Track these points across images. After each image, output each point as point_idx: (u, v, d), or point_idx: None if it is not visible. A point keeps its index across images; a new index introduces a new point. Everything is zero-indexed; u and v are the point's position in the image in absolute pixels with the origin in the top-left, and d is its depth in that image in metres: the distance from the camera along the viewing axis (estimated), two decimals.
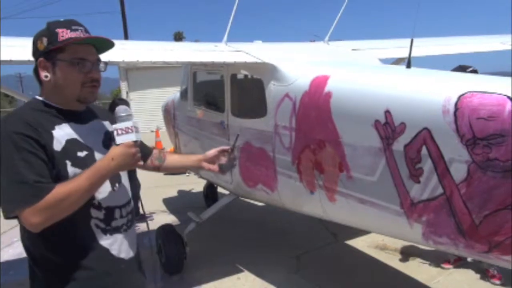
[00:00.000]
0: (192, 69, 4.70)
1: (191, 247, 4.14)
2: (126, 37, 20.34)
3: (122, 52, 3.18)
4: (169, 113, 5.75)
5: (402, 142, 2.38)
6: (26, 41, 1.78)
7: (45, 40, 1.45)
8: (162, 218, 5.75)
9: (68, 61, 1.45)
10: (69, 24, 1.47)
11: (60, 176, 1.40)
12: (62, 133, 1.45)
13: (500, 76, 2.67)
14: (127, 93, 17.83)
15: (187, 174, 8.06)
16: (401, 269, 3.91)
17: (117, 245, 1.55)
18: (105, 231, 1.52)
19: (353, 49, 4.28)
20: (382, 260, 4.14)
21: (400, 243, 4.28)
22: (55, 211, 1.35)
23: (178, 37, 36.16)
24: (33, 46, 1.50)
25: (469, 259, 3.78)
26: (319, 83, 2.94)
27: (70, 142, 1.46)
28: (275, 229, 5.17)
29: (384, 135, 2.47)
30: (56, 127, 1.45)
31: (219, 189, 5.89)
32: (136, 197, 5.78)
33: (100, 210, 1.51)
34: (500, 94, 2.01)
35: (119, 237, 1.56)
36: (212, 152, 1.94)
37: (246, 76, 3.88)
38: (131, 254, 1.62)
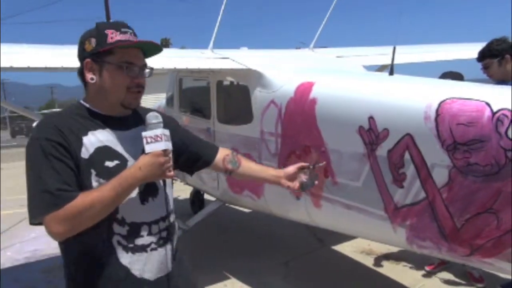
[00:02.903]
0: (178, 75, 4.70)
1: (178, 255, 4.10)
2: None
3: None
4: None
5: (385, 147, 2.42)
6: (23, 48, 1.74)
7: (93, 41, 1.40)
8: None
9: (116, 64, 1.40)
10: (118, 26, 1.42)
11: (83, 186, 1.34)
12: (94, 140, 1.39)
13: (482, 83, 2.75)
14: None
15: (174, 181, 8.01)
16: (386, 273, 3.94)
17: (140, 264, 1.43)
18: (126, 249, 1.41)
19: (338, 56, 4.34)
20: (368, 265, 4.17)
21: (386, 248, 4.31)
22: (76, 221, 1.29)
23: (165, 44, 36.07)
24: (80, 46, 1.44)
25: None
26: (304, 90, 2.97)
27: (100, 150, 1.39)
28: (262, 235, 5.16)
29: (368, 141, 2.51)
30: (90, 133, 1.39)
31: (206, 196, 5.87)
32: None
33: (123, 225, 1.40)
34: (479, 100, 2.06)
35: (143, 256, 1.43)
36: (291, 168, 1.80)
37: (232, 82, 3.89)
38: (160, 274, 1.47)
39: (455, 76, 3.55)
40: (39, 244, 5.30)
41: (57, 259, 4.86)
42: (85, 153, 1.37)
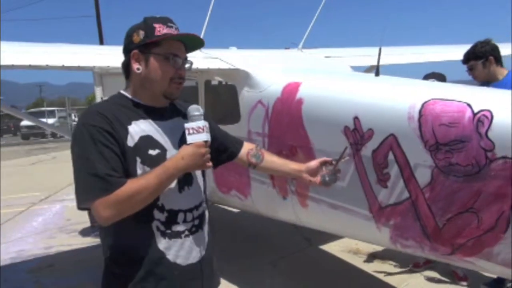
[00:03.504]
0: None
1: None
2: (101, 41, 20.05)
3: (94, 57, 3.15)
4: None
5: (370, 147, 2.45)
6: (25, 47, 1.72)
7: (141, 33, 1.46)
8: None
9: (163, 55, 1.47)
10: (165, 20, 1.50)
11: (129, 172, 1.40)
12: (138, 129, 1.45)
13: (467, 84, 2.79)
14: (101, 98, 17.54)
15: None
16: (373, 272, 3.97)
17: (174, 250, 1.49)
18: (164, 234, 1.48)
19: (326, 57, 4.36)
20: (356, 264, 4.20)
21: (373, 247, 4.35)
22: (124, 206, 1.36)
23: None
24: (127, 39, 1.50)
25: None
26: (291, 90, 2.99)
27: (143, 139, 1.45)
28: (249, 235, 5.17)
29: (353, 141, 2.53)
30: (133, 122, 1.45)
31: None
32: None
33: (163, 212, 1.47)
34: (460, 101, 2.10)
35: (178, 242, 1.50)
36: (314, 163, 1.80)
37: (220, 82, 3.90)
38: (190, 260, 1.54)
39: (438, 77, 3.60)
40: (25, 244, 5.25)
41: (43, 259, 4.84)
42: (130, 141, 1.42)
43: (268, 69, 3.41)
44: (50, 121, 21.62)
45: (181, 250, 1.51)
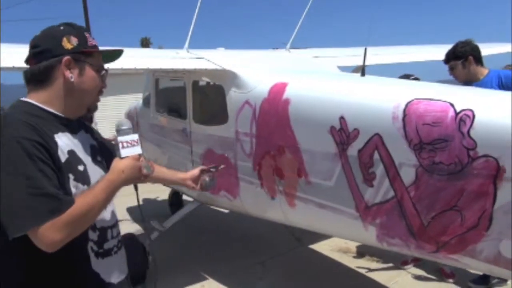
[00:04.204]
0: (155, 75, 4.66)
1: (154, 256, 4.07)
2: None
3: None
4: (132, 120, 5.66)
5: (356, 147, 2.46)
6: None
7: (74, 40, 1.37)
8: (126, 227, 5.61)
9: (97, 67, 1.43)
10: (88, 30, 1.46)
11: (63, 191, 1.27)
12: (63, 143, 1.34)
13: (448, 83, 2.82)
14: None
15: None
16: (362, 271, 4.00)
17: (107, 269, 1.44)
18: (97, 255, 1.40)
19: (314, 57, 4.38)
20: (345, 263, 4.22)
21: (362, 246, 4.38)
22: (76, 226, 1.25)
23: (145, 43, 35.67)
24: (52, 41, 1.35)
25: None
26: (277, 90, 2.99)
27: (70, 154, 1.35)
28: (239, 235, 5.17)
29: (339, 140, 2.54)
30: (56, 135, 1.33)
31: (185, 197, 5.83)
32: None
33: (95, 231, 1.40)
34: (443, 101, 2.12)
35: (109, 260, 1.45)
36: (195, 171, 1.97)
37: (207, 83, 3.89)
38: (121, 277, 1.50)
39: (411, 78, 3.65)
40: None
41: None
42: (62, 157, 1.31)
43: (255, 70, 3.41)
44: None
45: (112, 268, 1.46)
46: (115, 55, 1.58)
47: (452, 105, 2.07)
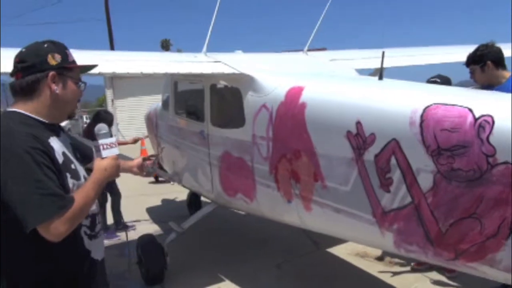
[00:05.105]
0: (173, 78, 4.73)
1: (172, 257, 4.13)
2: (111, 43, 20.26)
3: (100, 63, 3.18)
4: (152, 122, 5.76)
5: (372, 152, 2.44)
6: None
7: (58, 57, 1.59)
8: (145, 227, 5.72)
9: (76, 80, 1.66)
10: (67, 47, 1.67)
11: (64, 188, 1.51)
12: (56, 147, 1.56)
13: (471, 85, 2.75)
14: (112, 100, 17.73)
15: (171, 183, 8.05)
16: (380, 276, 3.95)
17: (96, 247, 1.71)
18: (90, 237, 1.67)
19: (331, 60, 4.35)
20: (363, 267, 4.18)
21: (380, 251, 4.33)
22: (77, 219, 1.50)
23: (165, 45, 36.13)
24: (38, 58, 1.56)
25: None
26: (294, 94, 2.99)
27: (64, 155, 1.59)
28: (256, 237, 5.19)
29: (356, 145, 2.53)
30: (49, 140, 1.55)
31: (203, 198, 5.89)
32: (117, 206, 5.76)
33: (87, 218, 1.66)
34: (462, 106, 2.08)
35: (97, 241, 1.72)
36: (139, 160, 2.37)
37: (225, 86, 3.92)
38: (102, 256, 1.78)
39: (443, 80, 3.57)
40: None
41: None
42: (59, 159, 1.55)
43: (272, 73, 3.42)
44: (62, 123, 21.95)
45: (98, 247, 1.74)
46: (89, 68, 1.82)
47: (471, 110, 2.03)
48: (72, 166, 1.61)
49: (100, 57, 3.34)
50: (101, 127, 1.72)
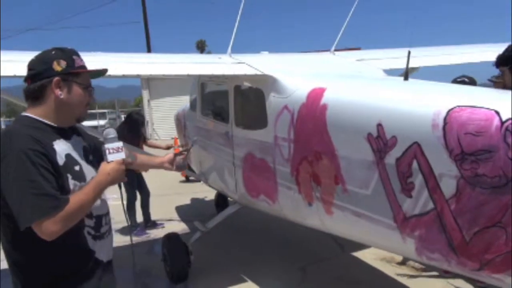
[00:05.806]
0: (200, 80, 4.79)
1: (197, 256, 4.19)
2: (148, 45, 20.81)
3: (122, 65, 3.28)
4: (180, 122, 5.87)
5: (393, 155, 2.36)
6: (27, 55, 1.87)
7: (63, 63, 1.64)
8: (173, 226, 5.83)
9: (83, 85, 1.70)
10: (76, 53, 1.72)
11: (63, 189, 1.56)
12: (60, 149, 1.62)
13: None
14: (148, 101, 18.23)
15: (201, 182, 8.16)
16: (406, 282, 3.83)
17: (101, 248, 1.74)
18: (94, 237, 1.71)
19: (358, 60, 4.26)
20: (388, 273, 4.07)
21: None
22: (71, 220, 1.53)
23: (201, 46, 36.75)
24: (44, 65, 1.64)
25: None
26: (315, 95, 2.95)
27: (67, 157, 1.63)
28: (281, 239, 5.16)
29: (377, 148, 2.46)
30: (54, 143, 1.61)
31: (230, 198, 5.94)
32: (146, 204, 5.90)
33: (92, 218, 1.70)
34: (488, 108, 1.97)
35: (103, 242, 1.76)
36: (171, 155, 2.39)
37: (249, 87, 3.92)
38: (109, 257, 1.81)
39: (468, 80, 3.40)
40: None
41: None
42: (60, 160, 1.59)
43: (294, 74, 3.38)
44: (102, 122, 22.82)
45: (104, 249, 1.76)
46: (101, 73, 1.85)
47: (497, 113, 1.92)
48: (76, 168, 1.65)
49: (125, 59, 3.43)
50: (109, 132, 1.75)
